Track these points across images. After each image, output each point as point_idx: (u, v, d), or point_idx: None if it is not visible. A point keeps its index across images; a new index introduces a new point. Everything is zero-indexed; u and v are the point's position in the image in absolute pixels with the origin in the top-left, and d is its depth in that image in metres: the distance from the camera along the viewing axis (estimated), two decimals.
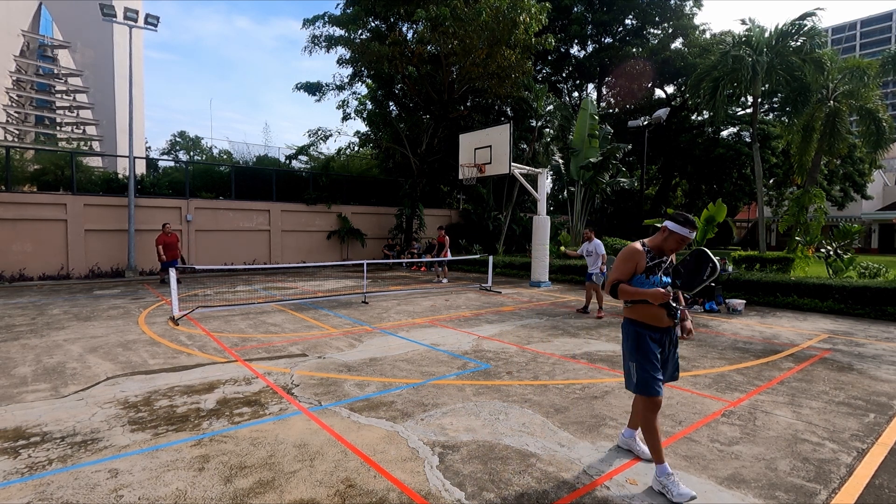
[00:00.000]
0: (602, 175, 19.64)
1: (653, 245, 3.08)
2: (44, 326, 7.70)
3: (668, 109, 20.11)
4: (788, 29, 17.40)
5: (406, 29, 18.73)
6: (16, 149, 17.62)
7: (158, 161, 26.32)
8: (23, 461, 3.26)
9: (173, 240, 13.48)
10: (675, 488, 2.83)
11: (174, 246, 13.46)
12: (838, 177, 31.95)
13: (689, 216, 2.99)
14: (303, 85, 20.82)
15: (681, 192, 37.23)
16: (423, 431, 3.75)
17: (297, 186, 20.01)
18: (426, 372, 5.34)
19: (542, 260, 13.66)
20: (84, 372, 5.27)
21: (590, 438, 3.66)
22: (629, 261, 3.03)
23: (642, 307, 3.04)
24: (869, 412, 4.28)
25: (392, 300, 10.75)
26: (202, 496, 2.84)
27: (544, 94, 21.38)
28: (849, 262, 12.39)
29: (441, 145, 20.77)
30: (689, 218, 2.97)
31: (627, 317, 3.18)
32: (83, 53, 53.45)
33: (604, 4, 27.10)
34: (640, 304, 3.05)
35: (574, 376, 5.23)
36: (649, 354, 3.02)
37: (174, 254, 13.47)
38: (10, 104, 48.90)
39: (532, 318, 8.66)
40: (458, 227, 22.98)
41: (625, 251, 3.09)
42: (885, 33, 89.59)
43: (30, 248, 14.10)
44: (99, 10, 15.44)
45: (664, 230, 3.05)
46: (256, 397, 4.50)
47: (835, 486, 3.02)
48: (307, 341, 6.77)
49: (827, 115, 18.20)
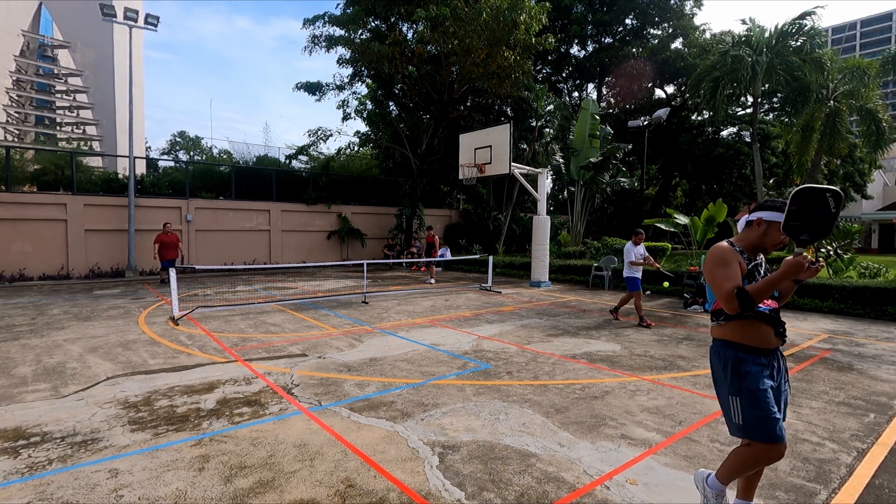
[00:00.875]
0: (602, 175, 19.64)
1: (746, 244, 2.48)
2: (44, 326, 7.70)
3: (668, 109, 20.12)
4: (788, 29, 17.42)
5: (406, 29, 18.74)
6: (16, 149, 17.63)
7: (158, 161, 26.32)
8: (23, 461, 3.26)
9: (172, 239, 13.51)
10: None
11: (174, 245, 13.49)
12: (838, 177, 31.93)
13: (781, 200, 2.41)
14: (303, 85, 20.84)
15: (681, 192, 37.24)
16: (423, 431, 3.75)
17: (297, 186, 20.01)
18: (426, 372, 5.34)
19: (542, 260, 13.67)
20: (84, 372, 5.27)
21: (590, 438, 3.66)
22: (731, 261, 2.38)
23: (741, 325, 2.40)
24: (869, 412, 4.28)
25: (392, 300, 10.75)
26: (202, 496, 2.84)
27: (544, 94, 21.38)
28: (849, 262, 12.39)
29: (441, 145, 20.77)
30: (784, 201, 2.34)
31: (719, 338, 2.50)
32: (83, 53, 53.46)
33: (604, 4, 27.10)
34: (737, 322, 2.41)
35: (574, 376, 5.23)
36: (759, 384, 2.33)
37: (174, 253, 13.50)
38: (10, 104, 48.91)
39: (532, 318, 8.66)
40: (458, 227, 22.98)
41: (719, 254, 2.42)
42: (885, 33, 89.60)
43: (30, 248, 14.11)
44: (99, 10, 15.45)
45: (759, 223, 2.44)
46: (256, 397, 4.50)
47: (835, 486, 3.02)
48: (307, 341, 6.77)
49: (827, 115, 18.20)
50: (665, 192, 34.12)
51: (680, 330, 7.79)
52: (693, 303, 9.92)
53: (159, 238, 13.42)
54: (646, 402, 4.43)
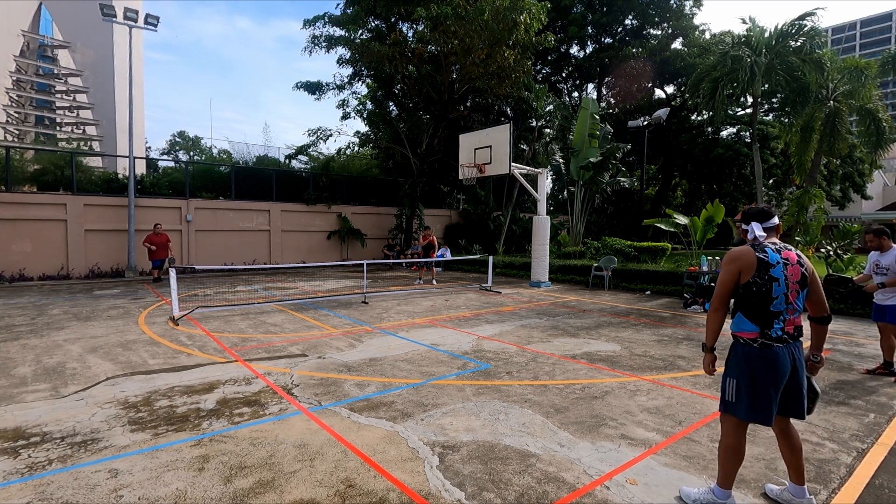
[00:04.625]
0: (602, 175, 19.64)
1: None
2: (44, 326, 7.70)
3: (668, 109, 20.12)
4: (788, 29, 17.43)
5: (406, 29, 18.74)
6: (16, 149, 17.62)
7: (158, 161, 26.35)
8: (23, 461, 3.26)
9: (161, 239, 14.04)
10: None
11: (163, 246, 14.05)
12: (838, 177, 31.95)
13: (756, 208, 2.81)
14: (303, 84, 20.86)
15: (680, 193, 37.25)
16: (423, 431, 3.75)
17: (296, 186, 20.01)
18: (426, 372, 5.34)
19: (542, 260, 13.66)
20: (84, 372, 5.27)
21: (590, 438, 3.66)
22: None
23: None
24: (869, 412, 4.28)
25: (392, 300, 10.75)
26: (202, 496, 2.84)
27: (544, 94, 21.39)
28: (849, 262, 12.38)
29: (441, 145, 20.76)
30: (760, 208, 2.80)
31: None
32: (83, 53, 53.46)
33: (603, 5, 27.11)
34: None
35: (574, 376, 5.23)
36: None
37: (163, 253, 14.09)
38: (10, 104, 48.92)
39: (532, 319, 8.66)
40: (458, 227, 22.98)
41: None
42: (885, 33, 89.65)
43: (30, 248, 14.10)
44: (99, 10, 15.44)
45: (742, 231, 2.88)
46: (256, 397, 4.50)
47: (835, 486, 3.02)
48: (307, 341, 6.76)
49: (826, 115, 18.20)
50: (665, 192, 34.13)
51: (680, 330, 7.79)
52: (693, 303, 9.92)
53: (150, 238, 13.92)
54: (646, 403, 4.43)
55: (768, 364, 2.59)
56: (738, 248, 2.67)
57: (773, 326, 2.60)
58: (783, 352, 2.61)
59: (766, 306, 2.60)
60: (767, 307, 2.60)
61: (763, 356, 2.60)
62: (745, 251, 2.64)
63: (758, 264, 2.59)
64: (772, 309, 2.59)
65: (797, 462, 2.78)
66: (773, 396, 2.62)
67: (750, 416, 2.64)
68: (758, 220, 2.75)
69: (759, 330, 2.62)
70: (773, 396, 2.62)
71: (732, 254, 2.66)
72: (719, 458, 2.78)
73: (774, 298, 2.59)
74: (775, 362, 2.59)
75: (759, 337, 2.62)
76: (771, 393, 2.60)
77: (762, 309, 2.60)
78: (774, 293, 2.58)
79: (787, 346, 2.63)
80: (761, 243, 2.68)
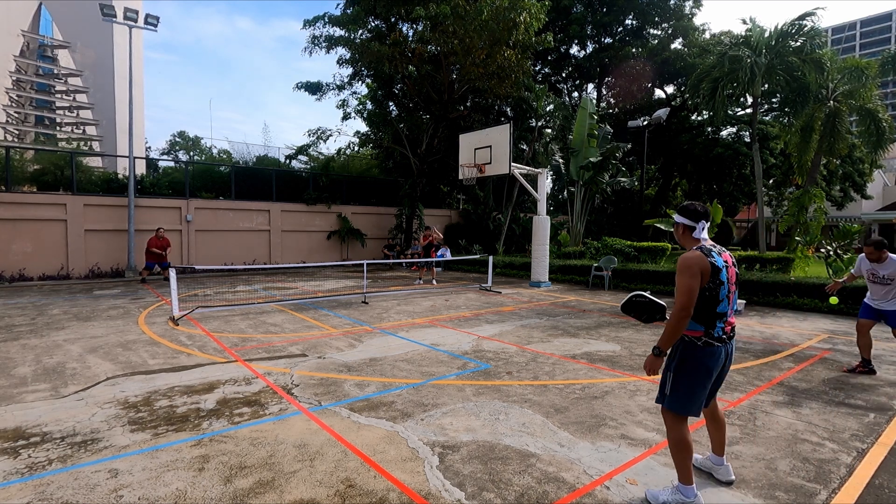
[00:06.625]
0: (602, 175, 19.63)
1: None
2: (44, 326, 7.70)
3: (668, 109, 20.11)
4: (788, 29, 17.41)
5: (406, 29, 18.73)
6: (16, 149, 17.61)
7: (158, 161, 26.33)
8: (23, 461, 3.26)
9: (163, 244, 14.16)
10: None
11: (162, 249, 14.14)
12: (838, 177, 31.92)
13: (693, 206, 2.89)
14: (303, 84, 20.86)
15: (681, 192, 37.24)
16: (423, 431, 3.75)
17: (296, 186, 20.00)
18: (426, 372, 5.34)
19: (542, 260, 13.66)
20: (84, 372, 5.27)
21: (590, 438, 3.66)
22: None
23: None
24: (869, 412, 4.28)
25: (392, 300, 10.75)
26: (202, 496, 2.84)
27: (544, 94, 21.37)
28: (849, 262, 12.39)
29: (441, 145, 20.76)
30: (693, 207, 2.88)
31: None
32: (83, 53, 53.46)
33: (603, 5, 27.10)
34: None
35: (574, 376, 5.23)
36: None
37: (163, 258, 14.17)
38: (10, 104, 48.93)
39: (532, 319, 8.66)
40: (458, 227, 22.97)
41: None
42: (885, 33, 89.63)
43: (30, 248, 14.10)
44: (99, 10, 15.43)
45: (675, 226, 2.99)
46: (256, 397, 4.50)
47: (835, 486, 3.02)
48: (307, 341, 6.76)
49: (826, 115, 18.18)
50: (665, 192, 34.12)
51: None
52: None
53: (153, 242, 13.98)
54: (646, 402, 4.43)
55: (707, 361, 2.72)
56: (693, 255, 2.67)
57: (716, 326, 2.73)
58: (720, 350, 2.75)
59: (714, 308, 2.70)
60: (714, 309, 2.70)
61: (704, 354, 2.72)
62: (700, 258, 2.66)
63: (711, 270, 2.66)
64: (718, 311, 2.71)
65: (720, 437, 3.07)
66: (706, 391, 2.79)
67: (684, 410, 2.76)
68: (706, 220, 2.81)
69: (704, 329, 2.72)
70: (706, 391, 2.79)
71: (691, 261, 2.64)
72: (672, 454, 2.84)
73: (721, 301, 2.70)
74: (714, 360, 2.73)
75: (703, 336, 2.72)
76: (705, 388, 2.77)
77: (709, 311, 2.70)
78: (721, 296, 2.69)
79: (725, 345, 2.77)
80: (706, 247, 2.74)
